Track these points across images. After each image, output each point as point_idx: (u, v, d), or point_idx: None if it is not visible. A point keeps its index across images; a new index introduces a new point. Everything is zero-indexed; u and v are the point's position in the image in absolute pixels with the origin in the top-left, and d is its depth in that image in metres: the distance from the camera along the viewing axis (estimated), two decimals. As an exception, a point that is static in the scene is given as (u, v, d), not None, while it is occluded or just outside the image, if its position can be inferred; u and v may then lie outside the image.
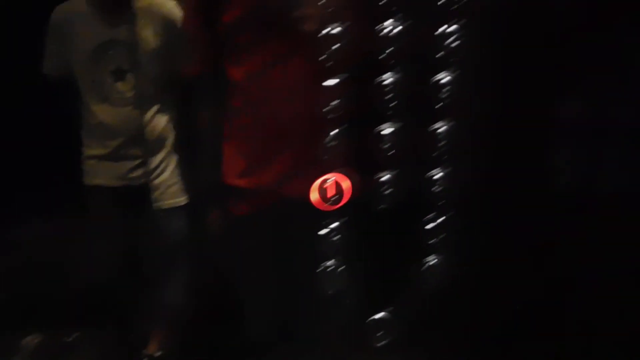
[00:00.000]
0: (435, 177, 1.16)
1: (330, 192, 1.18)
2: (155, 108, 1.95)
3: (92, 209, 2.04)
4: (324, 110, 1.12)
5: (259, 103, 1.48)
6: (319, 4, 1.15)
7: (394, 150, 1.13)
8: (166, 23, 1.89)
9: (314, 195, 1.19)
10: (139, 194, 1.96)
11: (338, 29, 1.06)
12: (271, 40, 1.43)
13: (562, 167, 1.56)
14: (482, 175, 1.32)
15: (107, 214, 2.02)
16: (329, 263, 1.23)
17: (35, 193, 2.17)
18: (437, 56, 1.06)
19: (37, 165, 2.18)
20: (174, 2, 1.90)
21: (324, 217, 1.25)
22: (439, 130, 1.12)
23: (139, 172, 1.97)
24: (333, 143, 1.14)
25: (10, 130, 2.11)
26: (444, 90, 1.07)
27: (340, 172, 1.17)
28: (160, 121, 1.97)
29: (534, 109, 1.47)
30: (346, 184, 1.16)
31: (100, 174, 1.99)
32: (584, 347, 1.54)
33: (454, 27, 1.03)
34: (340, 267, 1.23)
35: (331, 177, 1.17)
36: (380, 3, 1.01)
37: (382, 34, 1.03)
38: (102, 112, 1.94)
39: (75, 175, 2.03)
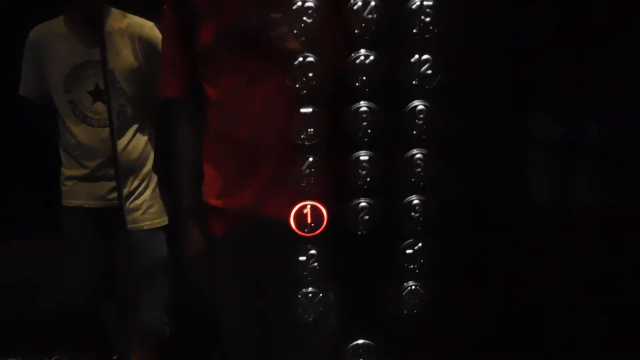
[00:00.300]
0: (414, 202, 1.16)
1: (309, 219, 1.18)
2: (134, 128, 1.95)
3: (71, 230, 2.02)
4: (300, 137, 1.11)
5: (235, 123, 1.48)
6: (294, 26, 1.14)
7: (370, 177, 1.13)
8: (145, 43, 1.89)
9: (293, 223, 1.19)
10: (118, 215, 1.94)
11: (312, 58, 1.06)
12: (248, 61, 1.43)
13: (538, 188, 1.58)
14: (459, 198, 1.32)
15: (87, 235, 2.00)
16: (306, 289, 1.23)
17: (12, 213, 2.15)
18: (412, 84, 1.06)
19: (14, 185, 2.16)
20: (152, 23, 1.90)
21: (302, 240, 1.25)
22: (416, 157, 1.12)
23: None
24: (309, 170, 1.13)
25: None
26: (419, 117, 1.07)
27: (317, 198, 1.17)
28: (139, 141, 1.96)
29: (507, 132, 1.48)
30: (324, 210, 1.16)
31: (79, 194, 1.98)
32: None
33: (426, 56, 1.03)
34: (319, 293, 1.22)
35: (309, 204, 1.17)
36: (354, 31, 1.01)
37: (356, 62, 1.03)
38: (81, 133, 1.93)
39: (54, 196, 2.01)
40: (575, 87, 1.56)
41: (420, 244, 1.19)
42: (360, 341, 1.24)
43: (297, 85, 1.07)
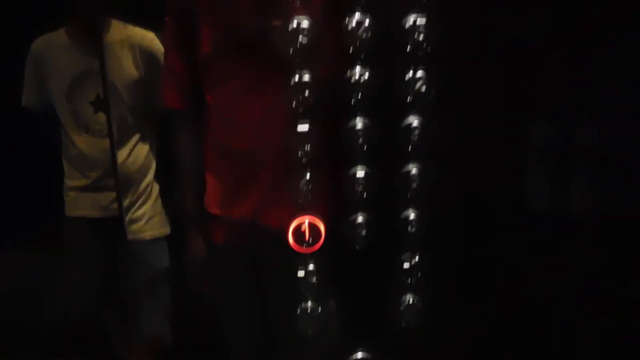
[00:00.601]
0: (410, 217, 1.16)
1: (307, 235, 1.18)
2: (135, 138, 1.96)
3: (74, 240, 2.03)
4: (298, 154, 1.12)
5: (235, 133, 1.49)
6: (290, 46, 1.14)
7: (367, 193, 1.14)
8: (145, 54, 1.90)
9: (291, 239, 1.19)
10: (121, 225, 1.95)
11: (308, 77, 1.06)
12: (247, 72, 1.44)
13: (535, 197, 1.58)
14: (456, 210, 1.33)
15: (89, 244, 2.01)
16: (305, 304, 1.24)
17: (16, 222, 2.16)
18: (406, 99, 1.07)
19: (18, 195, 2.18)
20: (153, 34, 1.90)
21: (300, 256, 1.25)
22: (412, 171, 1.12)
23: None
24: (306, 187, 1.14)
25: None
26: (415, 133, 1.08)
27: (314, 213, 1.18)
28: (140, 151, 1.97)
29: (505, 140, 1.49)
30: (321, 225, 1.17)
31: (82, 205, 1.99)
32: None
33: (420, 72, 1.04)
34: (318, 307, 1.23)
35: (306, 220, 1.17)
36: (349, 49, 1.02)
37: (352, 79, 1.04)
38: (83, 143, 1.94)
39: (58, 205, 2.03)
40: (574, 90, 1.56)
41: (417, 258, 1.20)
42: (359, 355, 1.25)
43: (294, 105, 1.08)
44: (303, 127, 1.07)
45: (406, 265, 1.19)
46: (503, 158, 1.57)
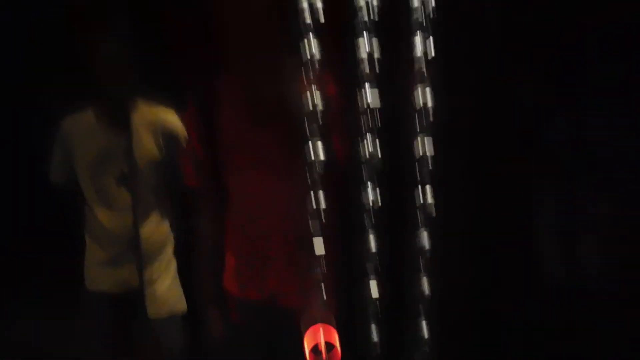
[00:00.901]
0: (422, 330, 1.17)
1: (325, 352, 1.18)
2: (156, 215, 1.99)
3: (92, 313, 2.05)
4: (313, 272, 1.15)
5: (252, 218, 1.54)
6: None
7: (380, 306, 1.15)
8: (168, 133, 1.95)
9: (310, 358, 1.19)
10: (139, 301, 1.97)
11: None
12: (266, 160, 1.49)
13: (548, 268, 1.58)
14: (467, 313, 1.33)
15: (107, 318, 2.03)
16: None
17: (36, 295, 2.20)
18: (415, 214, 1.09)
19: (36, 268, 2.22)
20: (176, 116, 1.95)
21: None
22: (422, 282, 1.14)
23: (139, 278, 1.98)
24: (324, 304, 1.16)
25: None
26: (423, 247, 1.09)
27: (326, 323, 1.18)
28: (161, 228, 2.00)
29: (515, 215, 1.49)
30: (335, 337, 1.17)
31: (102, 279, 2.02)
32: None
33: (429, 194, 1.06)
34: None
35: (321, 336, 1.16)
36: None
37: (364, 201, 1.07)
38: (106, 218, 1.98)
39: (77, 278, 2.06)
40: (581, 160, 1.57)
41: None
42: None
43: (311, 228, 1.11)
44: (319, 249, 1.10)
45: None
46: (514, 241, 1.57)
